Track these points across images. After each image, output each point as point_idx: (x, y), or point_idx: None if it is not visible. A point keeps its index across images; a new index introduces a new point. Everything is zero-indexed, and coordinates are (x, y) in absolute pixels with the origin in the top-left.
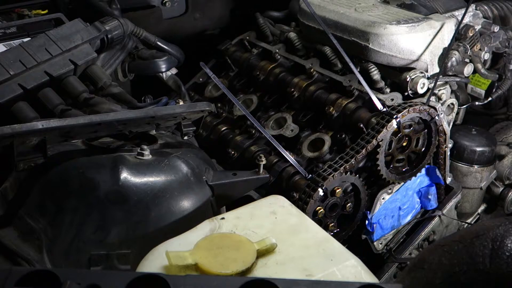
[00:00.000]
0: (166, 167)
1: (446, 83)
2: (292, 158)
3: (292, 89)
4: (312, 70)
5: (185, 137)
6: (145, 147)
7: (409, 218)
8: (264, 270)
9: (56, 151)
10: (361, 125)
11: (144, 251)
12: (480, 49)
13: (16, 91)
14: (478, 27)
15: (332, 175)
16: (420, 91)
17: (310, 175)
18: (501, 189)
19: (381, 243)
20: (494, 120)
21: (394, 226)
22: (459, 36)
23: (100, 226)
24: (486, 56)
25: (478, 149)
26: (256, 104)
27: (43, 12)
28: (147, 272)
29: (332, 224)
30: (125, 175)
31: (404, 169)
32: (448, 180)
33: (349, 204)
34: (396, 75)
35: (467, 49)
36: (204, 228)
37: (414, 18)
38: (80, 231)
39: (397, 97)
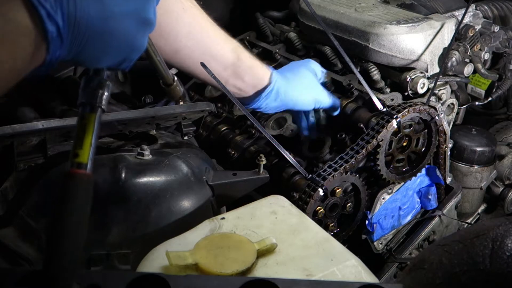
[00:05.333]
0: (166, 167)
1: (446, 83)
2: (292, 158)
3: None
4: None
5: (185, 137)
6: (145, 147)
7: (409, 218)
8: (264, 270)
9: (56, 151)
10: (361, 125)
11: (144, 251)
12: (480, 49)
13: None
14: (478, 27)
15: (332, 175)
16: (420, 91)
17: (310, 175)
18: (501, 189)
19: (381, 243)
20: (494, 120)
21: (394, 226)
22: (459, 36)
23: (100, 226)
24: (486, 56)
25: (478, 149)
26: None
27: None
28: (147, 272)
29: (332, 224)
30: (125, 175)
31: (404, 169)
32: (448, 180)
33: (349, 204)
34: (396, 75)
35: (467, 49)
36: (204, 228)
37: (414, 18)
38: None
39: (397, 97)
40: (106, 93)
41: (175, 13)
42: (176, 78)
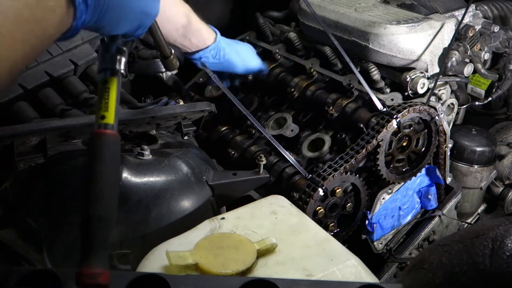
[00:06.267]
0: (166, 167)
1: (446, 83)
2: (292, 158)
3: (292, 89)
4: (312, 70)
5: (185, 137)
6: (145, 147)
7: (409, 218)
8: (264, 270)
9: (56, 151)
10: (361, 125)
11: (144, 251)
12: (480, 49)
13: (16, 91)
14: (478, 27)
15: (332, 175)
16: (420, 91)
17: (310, 175)
18: (501, 189)
19: (381, 243)
20: (494, 120)
21: (394, 226)
22: (459, 36)
23: None
24: (486, 56)
25: (478, 149)
26: (256, 104)
27: None
28: (147, 272)
29: (332, 224)
30: (125, 175)
31: (404, 169)
32: (448, 180)
33: (349, 204)
34: (396, 75)
35: (467, 49)
36: (204, 228)
37: (414, 18)
38: None
39: (397, 97)
40: (124, 59)
41: None
42: (173, 51)
